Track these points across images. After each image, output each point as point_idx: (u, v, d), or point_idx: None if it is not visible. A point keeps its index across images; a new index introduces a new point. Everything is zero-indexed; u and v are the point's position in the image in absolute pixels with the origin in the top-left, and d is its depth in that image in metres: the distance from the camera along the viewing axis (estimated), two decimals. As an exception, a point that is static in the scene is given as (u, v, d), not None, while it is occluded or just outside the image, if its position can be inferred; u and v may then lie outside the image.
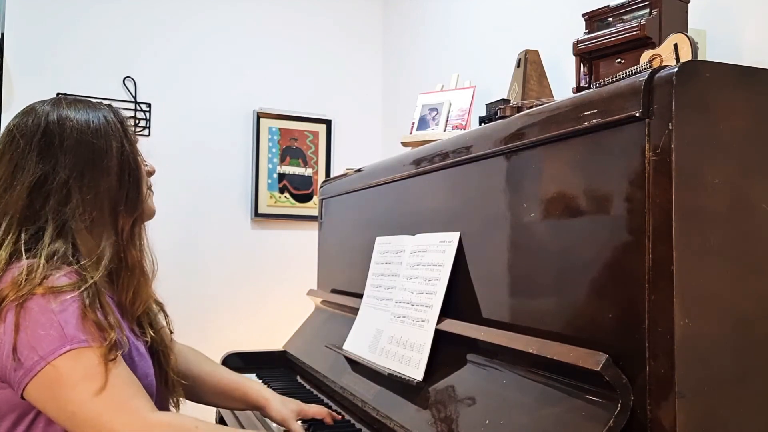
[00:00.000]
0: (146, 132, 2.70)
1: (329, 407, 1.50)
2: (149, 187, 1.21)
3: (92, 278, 1.00)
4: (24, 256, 0.99)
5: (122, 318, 1.10)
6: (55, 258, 0.99)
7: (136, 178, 1.13)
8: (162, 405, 1.19)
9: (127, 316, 1.12)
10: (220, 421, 1.70)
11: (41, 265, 0.97)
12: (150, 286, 1.17)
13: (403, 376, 1.21)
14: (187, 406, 1.29)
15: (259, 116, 2.88)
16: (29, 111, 1.10)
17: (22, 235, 1.01)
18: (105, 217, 1.08)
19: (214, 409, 1.70)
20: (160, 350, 1.18)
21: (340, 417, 1.39)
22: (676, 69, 0.78)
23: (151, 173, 1.22)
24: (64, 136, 1.06)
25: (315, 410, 1.36)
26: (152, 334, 1.16)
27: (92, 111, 1.11)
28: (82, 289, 0.98)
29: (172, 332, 1.25)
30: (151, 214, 1.21)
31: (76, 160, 1.06)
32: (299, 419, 1.32)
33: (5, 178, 1.05)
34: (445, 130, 1.92)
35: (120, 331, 1.00)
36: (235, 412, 1.58)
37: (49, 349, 0.92)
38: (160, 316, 1.23)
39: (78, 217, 1.04)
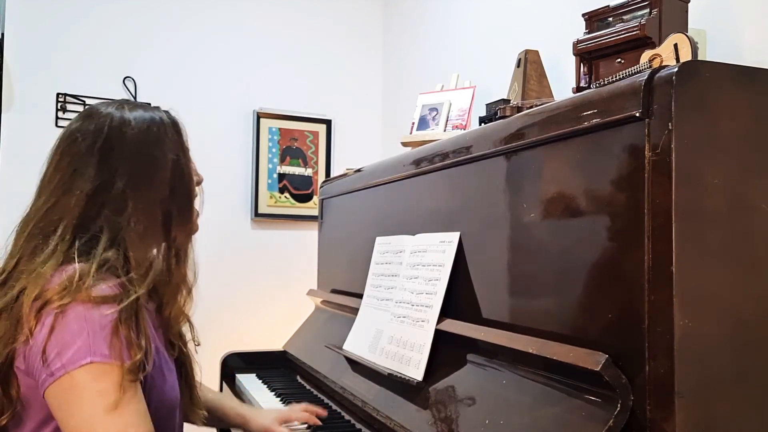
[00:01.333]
0: (146, 132, 2.70)
1: (329, 407, 1.50)
2: (197, 200, 1.19)
3: (136, 293, 0.99)
4: (76, 262, 0.98)
5: (157, 331, 1.10)
6: (105, 267, 0.99)
7: (188, 191, 1.13)
8: (185, 418, 1.19)
9: (165, 329, 1.12)
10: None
11: (91, 273, 0.96)
12: (191, 301, 1.16)
13: (403, 376, 1.21)
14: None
15: (259, 116, 2.88)
16: (91, 115, 1.08)
17: (76, 241, 1.00)
18: (157, 228, 1.08)
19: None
20: (186, 363, 1.18)
21: (324, 413, 1.40)
22: (676, 69, 0.78)
23: (198, 183, 1.20)
24: (123, 145, 1.05)
25: (299, 415, 1.37)
26: (180, 346, 1.15)
27: (152, 119, 1.09)
28: (123, 304, 0.96)
29: (198, 344, 1.22)
30: (195, 229, 1.20)
31: (133, 169, 1.05)
32: (285, 424, 1.33)
33: (64, 181, 1.04)
34: (445, 130, 1.92)
35: (149, 352, 0.99)
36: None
37: (73, 358, 0.92)
38: (186, 327, 1.21)
39: (131, 227, 1.03)
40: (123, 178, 1.04)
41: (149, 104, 1.14)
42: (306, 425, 1.36)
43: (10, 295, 0.96)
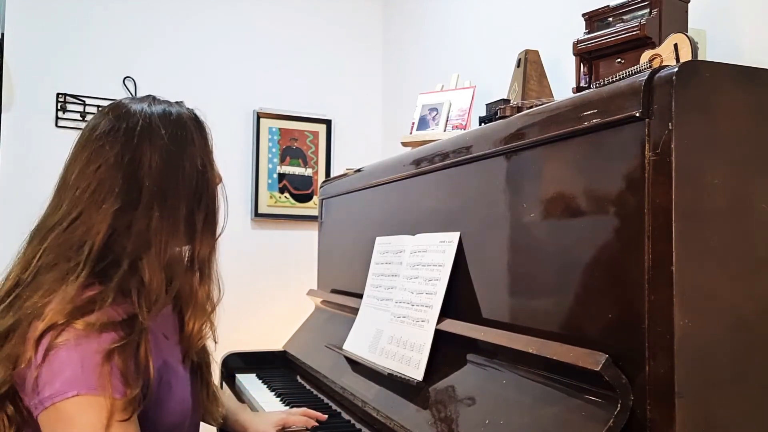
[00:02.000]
0: (146, 132, 2.70)
1: (329, 407, 1.50)
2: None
3: (142, 320, 0.94)
4: (96, 286, 0.94)
5: (172, 342, 1.06)
6: (120, 292, 0.94)
7: (212, 200, 1.07)
8: (202, 419, 1.18)
9: (185, 344, 1.07)
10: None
11: (105, 299, 0.92)
12: (215, 317, 1.10)
13: (403, 376, 1.21)
14: None
15: (259, 116, 2.88)
16: (121, 116, 1.02)
17: (98, 263, 0.95)
18: (181, 244, 1.02)
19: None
20: (203, 363, 1.15)
21: (324, 417, 1.39)
22: (676, 69, 0.78)
23: (219, 182, 1.13)
24: (153, 158, 0.99)
25: (295, 419, 1.35)
26: (198, 349, 1.12)
27: (180, 123, 1.04)
28: (124, 334, 0.92)
29: (216, 342, 1.15)
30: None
31: (161, 185, 0.99)
32: (281, 429, 1.33)
33: (91, 191, 0.97)
34: (445, 130, 1.92)
35: (149, 383, 0.94)
36: None
37: (60, 389, 0.88)
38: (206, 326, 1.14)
39: (155, 247, 0.97)
40: (150, 194, 0.98)
41: (175, 102, 1.10)
42: (304, 429, 1.36)
43: (22, 314, 0.91)
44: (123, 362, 0.91)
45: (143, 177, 0.98)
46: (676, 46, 1.06)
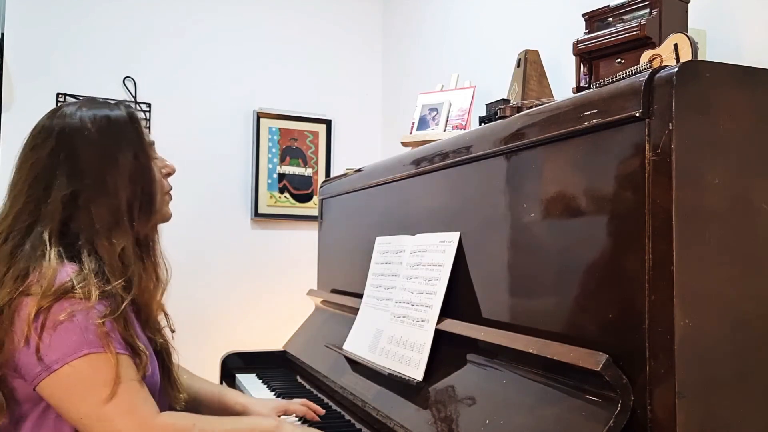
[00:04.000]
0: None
1: (329, 407, 1.50)
2: (168, 191, 1.24)
3: (122, 297, 1.05)
4: (66, 265, 1.03)
5: (138, 322, 1.14)
6: (95, 273, 1.04)
7: (149, 187, 1.16)
8: (166, 404, 1.21)
9: (142, 321, 1.15)
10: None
11: (88, 277, 1.02)
12: (164, 292, 1.21)
13: (403, 376, 1.21)
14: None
15: (259, 116, 2.88)
16: (52, 117, 1.13)
17: (62, 249, 1.05)
18: (123, 226, 1.11)
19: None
20: (163, 350, 1.21)
21: (322, 411, 1.41)
22: (676, 69, 0.78)
23: (170, 174, 1.25)
24: (86, 152, 1.09)
25: (295, 407, 1.39)
26: (158, 334, 1.19)
27: (109, 118, 1.13)
28: (110, 307, 1.03)
29: (173, 331, 1.27)
30: (166, 219, 1.24)
31: (97, 177, 1.09)
32: (282, 415, 1.36)
33: (29, 184, 1.09)
34: (445, 130, 1.92)
35: (140, 348, 1.06)
36: None
37: (69, 351, 0.98)
38: (161, 316, 1.25)
39: (103, 232, 1.08)
40: (88, 187, 1.08)
41: (110, 103, 1.17)
42: (301, 419, 1.37)
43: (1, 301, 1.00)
44: (119, 328, 1.03)
45: (78, 168, 1.08)
46: (676, 46, 1.06)
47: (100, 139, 1.10)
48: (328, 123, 3.00)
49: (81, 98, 1.22)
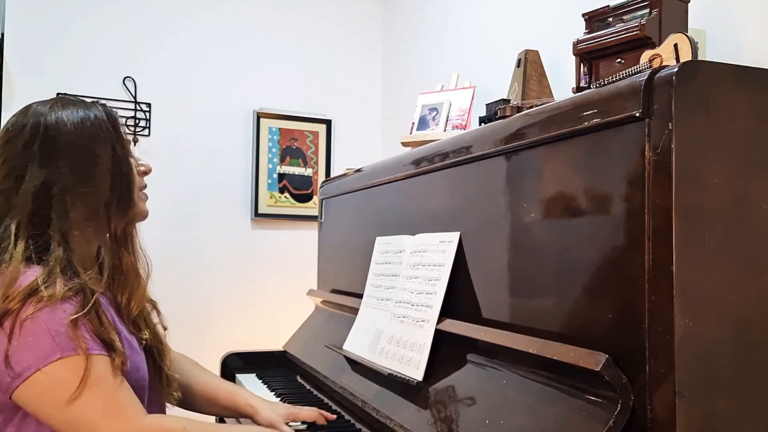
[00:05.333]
0: (146, 132, 2.70)
1: (329, 407, 1.50)
2: (143, 188, 1.23)
3: (92, 291, 1.02)
4: (35, 263, 1.02)
5: (119, 318, 1.12)
6: (63, 268, 1.02)
7: (128, 180, 1.15)
8: (158, 401, 1.21)
9: (123, 316, 1.14)
10: (221, 420, 1.70)
11: (50, 275, 0.99)
12: (145, 287, 1.19)
13: (403, 376, 1.21)
14: (178, 412, 1.29)
15: (259, 116, 2.88)
16: (27, 113, 1.11)
17: (30, 242, 1.03)
18: (100, 221, 1.10)
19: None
20: (154, 347, 1.20)
21: (333, 417, 1.37)
22: (676, 69, 0.78)
23: (146, 172, 1.24)
24: (62, 142, 1.08)
25: (306, 413, 1.34)
26: (147, 331, 1.17)
27: (86, 114, 1.12)
28: (81, 303, 1.00)
29: (165, 328, 1.26)
30: (143, 216, 1.22)
31: (73, 166, 1.08)
32: (289, 422, 1.32)
33: (8, 182, 1.07)
34: (445, 130, 1.92)
35: (115, 342, 1.02)
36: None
37: (41, 356, 0.95)
38: (153, 314, 1.25)
39: (76, 225, 1.06)
40: (65, 175, 1.06)
41: (84, 101, 1.17)
42: (305, 424, 1.36)
43: None
44: (91, 326, 0.99)
45: (54, 163, 1.06)
46: (676, 46, 1.06)
47: (76, 131, 1.09)
48: (328, 123, 3.00)
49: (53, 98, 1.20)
